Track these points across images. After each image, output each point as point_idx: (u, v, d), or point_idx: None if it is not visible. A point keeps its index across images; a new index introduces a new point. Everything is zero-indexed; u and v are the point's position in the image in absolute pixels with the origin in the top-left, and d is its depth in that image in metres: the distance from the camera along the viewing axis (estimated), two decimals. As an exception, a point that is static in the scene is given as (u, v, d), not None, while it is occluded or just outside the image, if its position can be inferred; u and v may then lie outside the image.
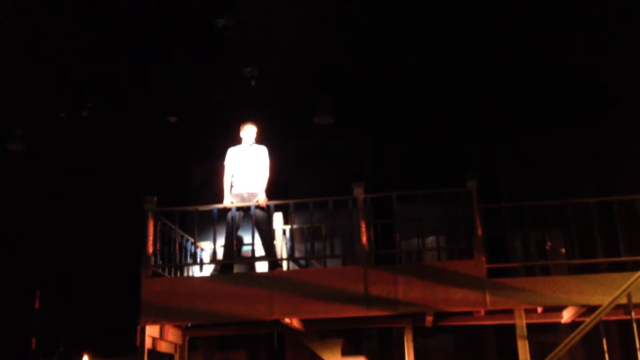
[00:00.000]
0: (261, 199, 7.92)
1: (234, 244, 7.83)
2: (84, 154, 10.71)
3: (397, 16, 9.55)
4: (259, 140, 8.37)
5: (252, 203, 7.92)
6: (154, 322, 7.52)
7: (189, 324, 8.40)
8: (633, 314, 5.84)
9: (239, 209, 7.96)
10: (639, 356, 5.55)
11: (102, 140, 10.59)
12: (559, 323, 8.13)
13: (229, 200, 8.03)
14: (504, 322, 7.82)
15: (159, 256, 7.75)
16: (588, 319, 6.07)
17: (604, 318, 6.04)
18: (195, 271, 8.59)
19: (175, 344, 8.32)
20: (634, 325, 5.78)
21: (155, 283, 7.55)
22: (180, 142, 10.88)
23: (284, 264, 8.06)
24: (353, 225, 7.63)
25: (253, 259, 8.21)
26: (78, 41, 9.42)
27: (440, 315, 7.74)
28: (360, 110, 10.54)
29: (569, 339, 5.92)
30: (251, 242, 7.89)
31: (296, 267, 8.40)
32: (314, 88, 9.98)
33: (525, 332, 7.01)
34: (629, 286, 6.04)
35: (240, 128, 8.32)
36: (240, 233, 8.07)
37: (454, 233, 7.70)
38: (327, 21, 9.32)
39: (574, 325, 7.49)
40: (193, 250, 8.29)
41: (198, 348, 9.75)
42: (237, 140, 8.35)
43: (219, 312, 7.36)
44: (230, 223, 7.89)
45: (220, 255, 7.99)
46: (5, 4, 8.87)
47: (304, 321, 8.14)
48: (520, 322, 7.05)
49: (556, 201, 7.55)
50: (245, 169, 8.14)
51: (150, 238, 7.65)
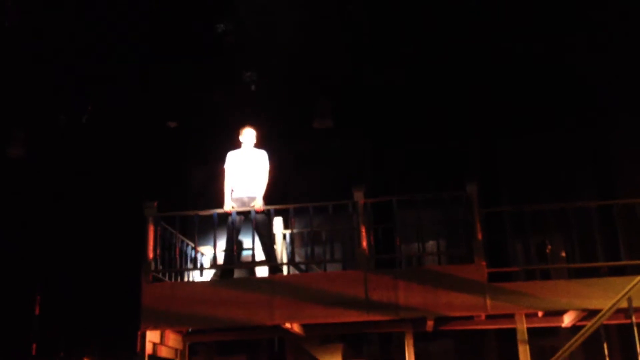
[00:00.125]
0: (257, 204, 7.90)
1: (234, 249, 7.83)
2: (84, 158, 10.69)
3: (397, 16, 9.53)
4: (259, 144, 8.36)
5: (251, 208, 7.91)
6: (154, 328, 7.50)
7: (190, 329, 8.37)
8: (634, 318, 5.86)
9: (239, 213, 7.95)
10: (639, 361, 5.56)
11: (102, 144, 10.57)
12: (560, 327, 8.12)
13: (230, 205, 8.02)
14: (504, 327, 7.81)
15: (159, 261, 7.73)
16: (589, 323, 6.07)
17: (605, 322, 6.06)
18: (195, 276, 8.57)
19: (176, 349, 8.31)
20: (635, 329, 5.79)
21: (155, 288, 7.54)
22: (180, 147, 10.86)
23: (284, 269, 8.06)
24: (353, 230, 7.61)
25: (253, 263, 8.20)
26: (78, 41, 9.40)
27: (440, 320, 7.71)
28: (359, 112, 10.51)
29: (570, 343, 5.93)
30: (251, 247, 7.88)
31: (296, 272, 8.37)
32: (314, 91, 9.96)
33: (526, 337, 7.00)
34: (629, 290, 6.05)
35: (240, 132, 8.31)
36: (240, 237, 8.06)
37: (454, 237, 7.67)
38: (327, 23, 9.30)
39: (574, 329, 7.45)
40: (193, 255, 8.28)
41: (198, 353, 9.71)
42: (237, 144, 8.34)
43: (219, 317, 7.33)
44: (230, 227, 7.88)
45: (220, 260, 7.98)
46: (5, 4, 8.84)
47: (304, 326, 8.12)
48: (521, 327, 7.04)
49: (557, 205, 7.54)
50: (245, 173, 8.13)
51: (151, 243, 7.63)
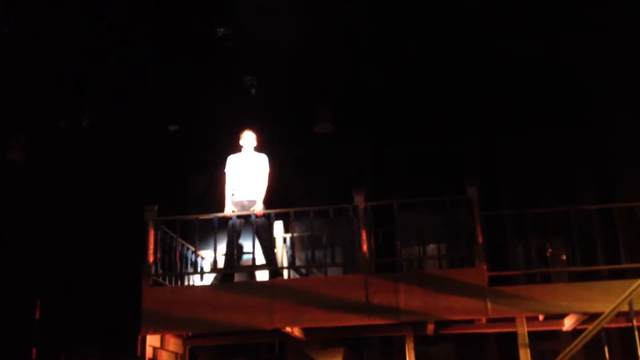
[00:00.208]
0: (257, 208, 7.88)
1: (234, 253, 7.82)
2: (85, 162, 10.68)
3: (397, 16, 9.52)
4: (259, 148, 8.34)
5: (251, 212, 7.90)
6: (154, 332, 7.50)
7: (190, 333, 8.37)
8: (634, 321, 5.87)
9: (239, 217, 7.94)
10: (640, 364, 5.57)
11: (103, 148, 10.56)
12: (561, 331, 8.12)
13: (230, 209, 7.99)
14: (505, 330, 7.79)
15: (159, 265, 7.71)
16: (590, 327, 6.08)
17: (606, 325, 6.06)
18: (196, 280, 8.56)
19: (176, 354, 8.30)
20: (636, 332, 5.81)
21: (156, 292, 7.53)
22: (180, 150, 10.84)
23: (285, 273, 8.02)
24: (354, 233, 7.59)
25: (254, 267, 8.19)
26: (78, 41, 9.38)
27: (441, 324, 7.70)
28: (359, 115, 10.51)
29: (571, 346, 5.93)
30: (252, 251, 7.86)
31: (297, 276, 8.36)
32: (314, 95, 9.95)
33: (526, 340, 7.01)
34: (630, 294, 6.06)
35: (240, 136, 8.28)
36: (240, 241, 8.05)
37: (455, 240, 7.66)
38: (327, 24, 9.28)
39: (575, 333, 7.47)
40: (194, 259, 8.27)
41: (199, 357, 9.73)
42: (238, 148, 8.32)
43: (219, 321, 7.32)
44: (231, 231, 7.86)
45: (221, 264, 7.96)
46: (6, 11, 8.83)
47: (305, 330, 8.11)
48: (522, 330, 7.04)
49: (557, 208, 7.54)
50: (245, 176, 8.10)
51: (151, 247, 7.62)
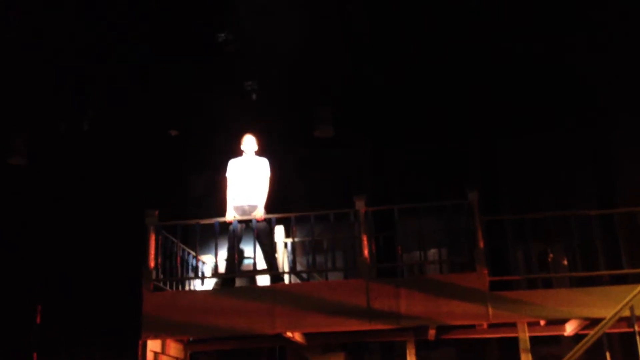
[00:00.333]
0: (258, 213, 7.86)
1: (235, 258, 7.80)
2: (85, 166, 10.65)
3: (397, 16, 9.48)
4: (260, 152, 8.32)
5: (252, 216, 7.88)
6: (155, 337, 7.49)
7: (191, 338, 8.36)
8: (636, 326, 5.87)
9: (240, 221, 7.92)
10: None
11: (103, 152, 10.53)
12: (562, 336, 8.13)
13: (232, 214, 7.97)
14: (506, 335, 7.79)
15: (160, 270, 7.71)
16: (591, 332, 6.09)
17: (607, 331, 6.07)
18: (197, 285, 8.55)
19: (177, 359, 8.29)
20: (637, 338, 5.81)
21: (156, 297, 7.53)
22: (181, 154, 10.82)
23: (286, 277, 8.03)
24: (355, 238, 7.59)
25: (255, 272, 8.18)
26: (78, 41, 9.34)
27: (442, 329, 7.70)
28: (359, 117, 10.48)
29: (573, 352, 5.94)
30: (253, 256, 7.85)
31: (298, 281, 8.38)
32: (314, 98, 9.91)
33: (528, 345, 7.00)
34: (631, 299, 6.07)
35: (241, 140, 8.28)
36: (241, 246, 8.04)
37: (456, 245, 7.66)
38: (327, 24, 9.25)
39: (577, 338, 7.48)
40: (194, 264, 8.27)
41: (200, 362, 9.74)
42: (238, 152, 8.31)
43: (220, 326, 7.31)
44: (232, 236, 7.85)
45: (222, 268, 7.95)
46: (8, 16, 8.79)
47: (306, 335, 8.11)
48: (523, 335, 7.04)
49: (558, 213, 7.54)
50: (246, 181, 8.09)
51: (152, 252, 7.61)
